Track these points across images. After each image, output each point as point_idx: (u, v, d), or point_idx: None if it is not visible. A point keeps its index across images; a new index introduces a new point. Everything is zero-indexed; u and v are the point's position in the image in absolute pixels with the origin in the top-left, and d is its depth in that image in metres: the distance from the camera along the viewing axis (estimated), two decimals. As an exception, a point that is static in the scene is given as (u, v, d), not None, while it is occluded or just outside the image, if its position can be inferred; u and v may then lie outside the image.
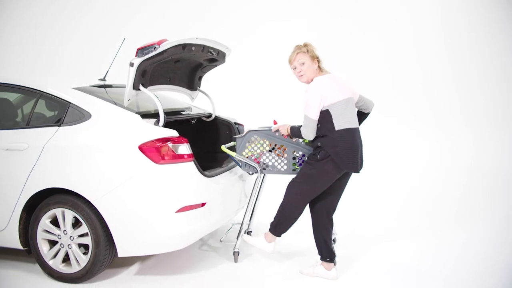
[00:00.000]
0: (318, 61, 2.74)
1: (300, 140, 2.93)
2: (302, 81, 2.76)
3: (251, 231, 3.32)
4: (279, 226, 2.79)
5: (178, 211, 2.59)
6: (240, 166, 3.07)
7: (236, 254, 3.08)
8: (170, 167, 2.59)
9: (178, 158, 2.62)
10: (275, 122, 3.08)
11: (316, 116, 2.60)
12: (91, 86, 3.10)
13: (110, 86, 3.30)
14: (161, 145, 2.57)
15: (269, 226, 2.85)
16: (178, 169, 2.62)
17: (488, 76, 6.77)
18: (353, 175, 2.78)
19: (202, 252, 3.30)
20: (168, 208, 2.58)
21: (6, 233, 2.83)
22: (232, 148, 3.13)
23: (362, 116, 2.90)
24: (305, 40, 2.80)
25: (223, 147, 3.08)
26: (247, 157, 3.00)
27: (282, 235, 2.83)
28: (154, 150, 2.57)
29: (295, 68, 2.75)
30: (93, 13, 7.54)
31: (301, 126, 2.72)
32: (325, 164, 2.60)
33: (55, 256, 2.76)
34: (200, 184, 2.73)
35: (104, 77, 3.44)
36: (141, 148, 2.57)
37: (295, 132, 2.78)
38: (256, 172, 3.01)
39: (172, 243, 2.68)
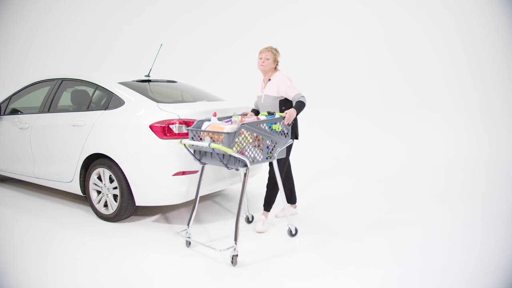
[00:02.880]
0: (277, 64, 3.68)
1: (267, 128, 3.09)
2: (261, 69, 3.63)
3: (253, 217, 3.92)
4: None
5: (174, 175, 3.51)
6: (226, 165, 2.93)
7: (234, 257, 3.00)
8: (170, 141, 3.51)
9: (176, 135, 3.53)
10: (215, 114, 3.17)
11: None
12: (134, 80, 4.18)
13: (150, 81, 4.34)
14: (164, 126, 3.51)
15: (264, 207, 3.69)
16: (175, 144, 3.52)
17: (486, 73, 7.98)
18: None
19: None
20: (167, 172, 3.52)
21: (73, 184, 4.09)
22: None
23: None
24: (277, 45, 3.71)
25: (217, 145, 2.78)
26: (236, 152, 2.88)
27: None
28: (159, 129, 3.52)
29: (261, 58, 3.61)
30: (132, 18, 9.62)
31: (297, 103, 3.38)
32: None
33: (99, 201, 3.92)
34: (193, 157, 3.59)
35: (148, 74, 4.51)
36: (151, 127, 3.54)
37: (300, 108, 3.37)
38: (245, 166, 2.93)
39: (170, 199, 3.61)
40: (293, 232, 3.52)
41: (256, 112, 3.77)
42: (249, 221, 3.90)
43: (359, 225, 3.80)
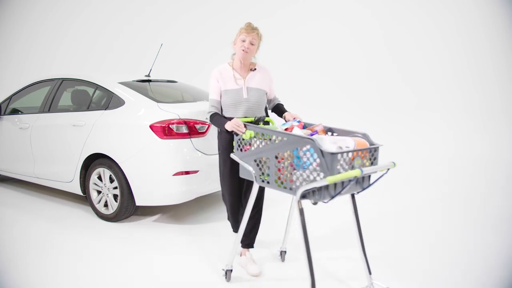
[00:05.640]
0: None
1: None
2: (242, 55, 2.77)
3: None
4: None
5: (174, 175, 3.51)
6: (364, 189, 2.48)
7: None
8: (170, 141, 3.51)
9: (177, 135, 3.53)
10: (300, 126, 2.57)
11: None
12: (134, 80, 4.18)
13: (150, 81, 4.34)
14: (164, 126, 3.51)
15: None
16: (175, 144, 3.52)
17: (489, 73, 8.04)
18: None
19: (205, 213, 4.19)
20: (167, 172, 3.51)
21: (73, 184, 4.09)
22: None
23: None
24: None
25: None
26: None
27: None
28: (159, 129, 3.52)
29: (245, 41, 2.75)
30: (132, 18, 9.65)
31: (283, 106, 2.99)
32: None
33: (99, 201, 3.92)
34: (193, 156, 3.59)
35: (149, 74, 4.51)
36: (151, 127, 3.54)
37: None
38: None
39: (170, 199, 3.61)
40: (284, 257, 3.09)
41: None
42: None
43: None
